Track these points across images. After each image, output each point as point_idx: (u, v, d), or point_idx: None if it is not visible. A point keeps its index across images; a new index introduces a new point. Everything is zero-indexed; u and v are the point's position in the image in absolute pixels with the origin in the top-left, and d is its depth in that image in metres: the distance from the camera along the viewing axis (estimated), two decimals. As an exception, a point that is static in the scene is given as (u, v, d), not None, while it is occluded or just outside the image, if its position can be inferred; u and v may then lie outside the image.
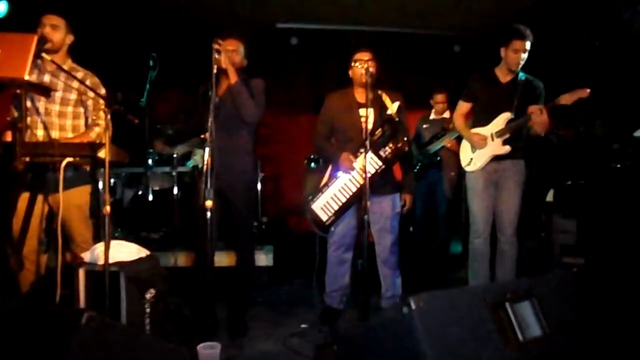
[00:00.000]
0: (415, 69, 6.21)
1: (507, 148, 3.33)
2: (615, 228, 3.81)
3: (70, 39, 3.04)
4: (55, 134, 2.98)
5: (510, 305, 1.75)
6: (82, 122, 3.07)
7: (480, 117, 3.47)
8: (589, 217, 4.13)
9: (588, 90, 3.06)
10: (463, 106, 3.55)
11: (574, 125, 4.95)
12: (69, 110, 3.01)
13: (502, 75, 3.39)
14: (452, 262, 4.94)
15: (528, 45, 3.23)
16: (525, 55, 3.26)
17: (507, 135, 3.32)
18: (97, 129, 3.00)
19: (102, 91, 3.02)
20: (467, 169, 3.48)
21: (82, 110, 3.05)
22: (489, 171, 3.40)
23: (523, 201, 3.40)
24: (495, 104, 3.38)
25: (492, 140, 3.36)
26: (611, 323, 2.00)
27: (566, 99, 3.10)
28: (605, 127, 4.49)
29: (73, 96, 3.00)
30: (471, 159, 3.46)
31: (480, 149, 3.40)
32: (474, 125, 3.48)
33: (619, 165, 4.19)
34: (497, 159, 3.37)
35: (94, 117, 3.05)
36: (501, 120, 3.35)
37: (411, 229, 5.33)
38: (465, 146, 3.54)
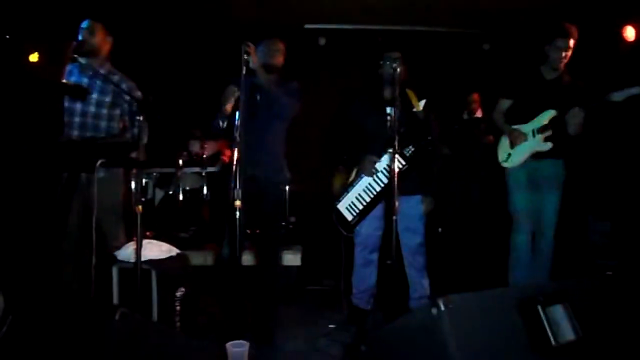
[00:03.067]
0: (444, 68, 6.13)
1: (549, 145, 3.25)
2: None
3: (108, 42, 3.13)
4: (89, 135, 3.06)
5: (542, 308, 1.71)
6: (116, 124, 3.14)
7: (521, 114, 3.39)
8: (623, 218, 4.02)
9: None
10: (504, 103, 3.49)
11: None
12: (104, 112, 3.09)
13: (547, 73, 3.33)
14: (487, 262, 4.86)
15: (572, 42, 3.19)
16: (569, 53, 3.21)
17: (549, 132, 3.24)
18: (133, 131, 3.08)
19: (138, 94, 3.09)
20: (505, 164, 3.41)
21: (117, 112, 3.12)
22: (530, 169, 3.33)
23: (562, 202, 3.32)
24: (539, 101, 3.30)
25: (533, 136, 3.29)
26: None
27: (618, 96, 2.95)
28: None
29: (108, 99, 3.08)
30: (509, 154, 3.39)
31: (519, 145, 3.34)
32: (514, 122, 3.41)
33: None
34: (537, 157, 3.29)
35: (128, 119, 3.13)
36: (545, 117, 3.26)
37: (440, 229, 5.27)
38: (503, 142, 3.47)
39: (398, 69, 2.90)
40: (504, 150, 3.44)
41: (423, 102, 3.13)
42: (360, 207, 3.14)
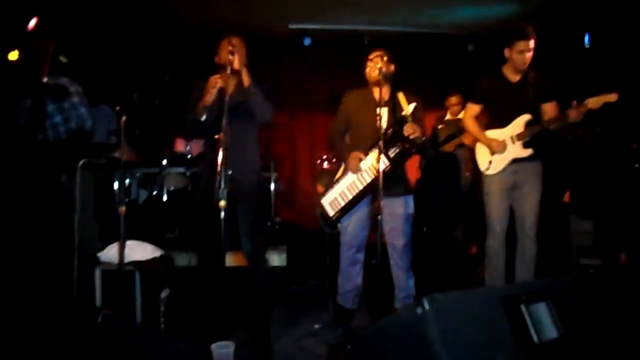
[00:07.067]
0: (429, 69, 6.18)
1: (530, 151, 3.27)
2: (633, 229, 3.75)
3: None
4: (51, 137, 3.04)
5: (525, 307, 1.73)
6: (73, 125, 3.12)
7: (495, 119, 3.40)
8: (606, 218, 4.08)
9: (616, 95, 2.94)
10: (473, 108, 3.50)
11: (591, 125, 4.89)
12: (58, 119, 3.08)
13: (511, 75, 3.32)
14: (468, 262, 4.91)
15: (532, 43, 3.17)
16: (530, 54, 3.19)
17: (527, 138, 3.26)
18: (88, 123, 3.08)
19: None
20: (487, 172, 3.39)
21: (71, 113, 3.12)
22: (508, 173, 3.33)
23: (541, 201, 3.35)
24: (510, 105, 3.31)
25: (513, 143, 3.30)
26: (628, 325, 1.97)
27: (593, 102, 2.98)
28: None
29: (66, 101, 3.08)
30: (490, 161, 3.38)
31: (500, 153, 3.35)
32: (489, 128, 3.42)
33: (637, 165, 4.13)
34: (515, 160, 3.31)
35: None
36: (521, 122, 3.28)
37: (424, 229, 5.30)
38: (482, 149, 3.46)
39: (384, 69, 2.92)
40: (484, 157, 3.43)
41: (412, 105, 3.13)
42: (343, 203, 3.15)
